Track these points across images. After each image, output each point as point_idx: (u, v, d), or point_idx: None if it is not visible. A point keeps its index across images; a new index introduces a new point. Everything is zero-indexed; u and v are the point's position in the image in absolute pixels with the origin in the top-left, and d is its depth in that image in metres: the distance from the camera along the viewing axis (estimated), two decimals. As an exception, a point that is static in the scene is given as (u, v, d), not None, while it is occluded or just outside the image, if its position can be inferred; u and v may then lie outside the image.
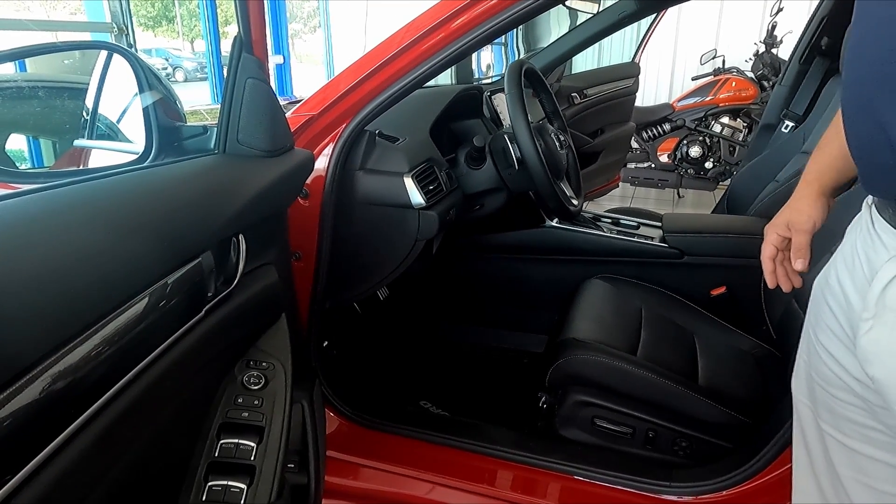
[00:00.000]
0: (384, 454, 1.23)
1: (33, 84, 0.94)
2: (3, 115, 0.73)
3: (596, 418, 1.23)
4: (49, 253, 0.41)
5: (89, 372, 0.41)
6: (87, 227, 0.45)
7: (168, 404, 0.54)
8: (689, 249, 1.60)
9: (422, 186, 1.13)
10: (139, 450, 0.50)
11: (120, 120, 1.00)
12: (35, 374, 0.36)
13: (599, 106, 3.06)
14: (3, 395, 0.34)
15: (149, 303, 0.47)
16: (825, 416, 0.70)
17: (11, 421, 0.35)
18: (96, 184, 0.52)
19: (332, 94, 1.05)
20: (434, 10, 1.04)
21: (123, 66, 0.87)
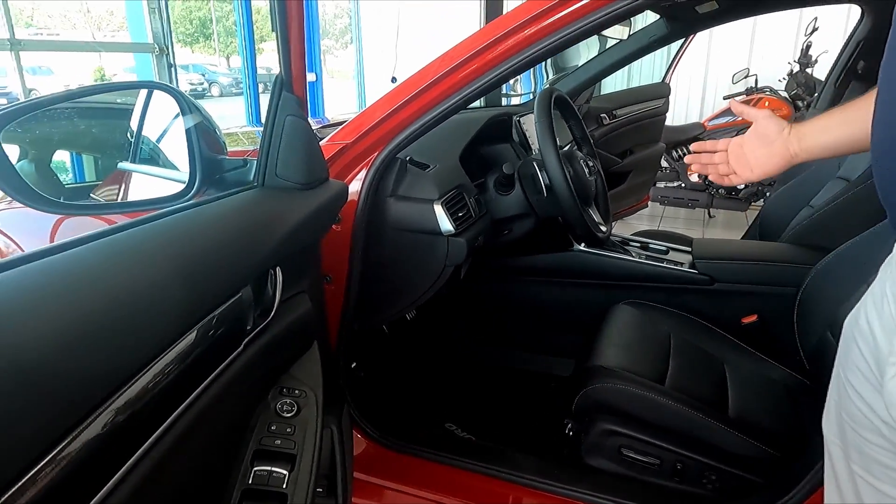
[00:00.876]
0: (410, 478, 1.23)
1: (84, 104, 0.98)
2: (52, 133, 0.77)
3: (623, 448, 1.22)
4: (111, 295, 0.44)
5: (141, 409, 0.43)
6: (142, 271, 0.48)
7: (209, 434, 0.56)
8: (720, 276, 1.58)
9: (451, 213, 1.15)
10: (182, 479, 0.52)
11: (164, 148, 1.04)
12: (99, 412, 0.39)
13: (629, 126, 3.06)
14: (76, 431, 0.37)
15: (196, 339, 0.50)
16: (855, 457, 0.70)
17: (90, 445, 0.38)
18: (149, 227, 0.55)
19: (367, 123, 1.08)
20: (468, 41, 1.07)
21: (169, 101, 0.91)
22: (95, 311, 0.42)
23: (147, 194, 1.22)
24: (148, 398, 0.44)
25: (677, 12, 1.95)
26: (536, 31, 1.02)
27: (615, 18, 1.00)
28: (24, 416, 0.36)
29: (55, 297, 0.41)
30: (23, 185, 0.67)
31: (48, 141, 0.88)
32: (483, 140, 1.57)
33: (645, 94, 3.21)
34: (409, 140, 1.08)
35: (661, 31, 2.09)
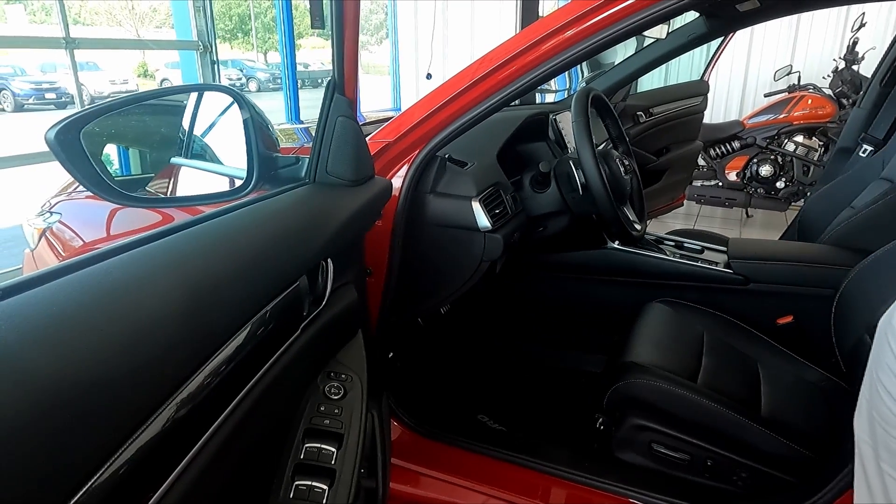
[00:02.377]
0: (443, 464, 1.28)
1: (136, 98, 1.04)
2: (108, 128, 0.83)
3: (653, 443, 1.24)
4: (195, 283, 0.49)
5: (214, 389, 0.48)
6: (219, 260, 0.53)
7: (268, 412, 0.61)
8: (755, 276, 1.58)
9: (488, 210, 1.18)
10: (246, 452, 0.57)
11: (218, 145, 1.10)
12: (183, 388, 0.44)
13: (665, 125, 3.04)
14: (167, 404, 0.42)
15: (265, 320, 0.55)
16: (885, 455, 0.70)
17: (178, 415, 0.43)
18: (219, 221, 0.60)
19: (408, 123, 1.12)
20: (508, 43, 1.10)
21: (227, 101, 0.97)
22: (185, 294, 0.47)
23: (200, 189, 1.29)
24: (225, 373, 0.49)
25: (717, 10, 1.93)
26: (577, 32, 1.05)
27: (658, 19, 1.01)
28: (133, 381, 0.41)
29: (151, 283, 0.46)
30: (100, 179, 0.73)
31: (110, 137, 0.94)
32: (520, 138, 1.60)
33: (682, 92, 3.18)
34: (448, 139, 1.12)
35: (700, 29, 2.08)
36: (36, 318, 0.38)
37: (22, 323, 0.38)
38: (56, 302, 0.41)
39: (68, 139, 0.69)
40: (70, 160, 0.69)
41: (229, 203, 0.68)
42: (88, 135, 0.74)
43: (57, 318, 0.39)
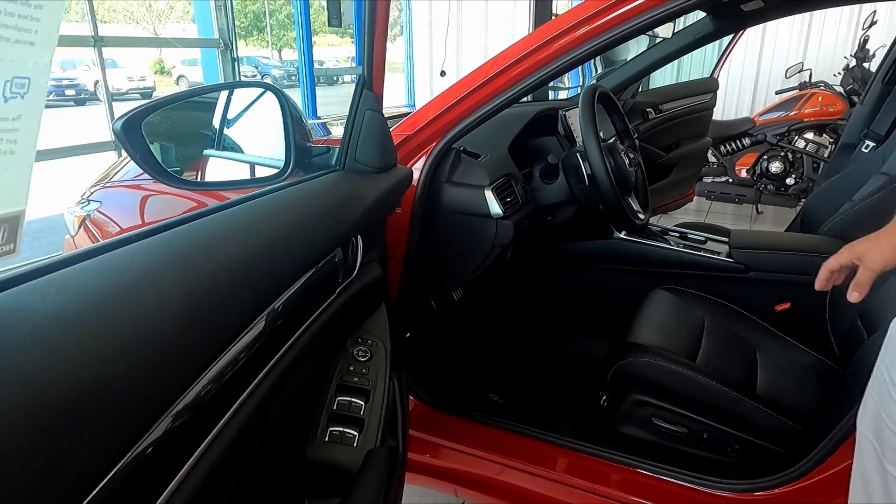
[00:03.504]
0: (457, 435, 1.37)
1: (188, 94, 1.13)
2: (162, 121, 0.92)
3: (653, 417, 1.32)
4: (256, 246, 0.59)
5: (273, 332, 0.58)
6: (272, 230, 0.63)
7: (308, 364, 0.71)
8: (755, 265, 1.65)
9: (500, 198, 1.27)
10: (288, 397, 0.67)
11: (253, 137, 1.20)
12: (251, 328, 0.54)
13: (675, 121, 3.10)
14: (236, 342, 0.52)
15: (310, 281, 0.65)
16: (890, 455, 0.72)
17: (238, 358, 0.52)
18: (265, 199, 0.70)
19: (426, 117, 1.21)
20: (521, 42, 1.18)
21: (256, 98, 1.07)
22: (247, 255, 0.57)
23: (233, 176, 1.39)
24: (278, 323, 0.59)
25: (723, 10, 2.01)
26: (587, 31, 1.11)
27: (665, 18, 1.07)
28: (198, 328, 0.50)
29: (225, 244, 0.56)
30: (157, 164, 0.83)
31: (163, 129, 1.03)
32: (531, 133, 1.68)
33: (692, 89, 3.24)
34: (463, 132, 1.20)
35: (707, 28, 2.15)
36: (117, 274, 0.47)
37: (91, 284, 0.45)
38: (134, 262, 0.50)
39: (131, 129, 0.79)
40: (133, 147, 0.79)
41: (268, 186, 0.78)
42: (147, 126, 0.84)
43: (135, 276, 0.48)
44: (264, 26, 23.67)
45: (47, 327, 0.38)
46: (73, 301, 0.42)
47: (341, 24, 5.14)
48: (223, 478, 0.53)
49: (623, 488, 1.24)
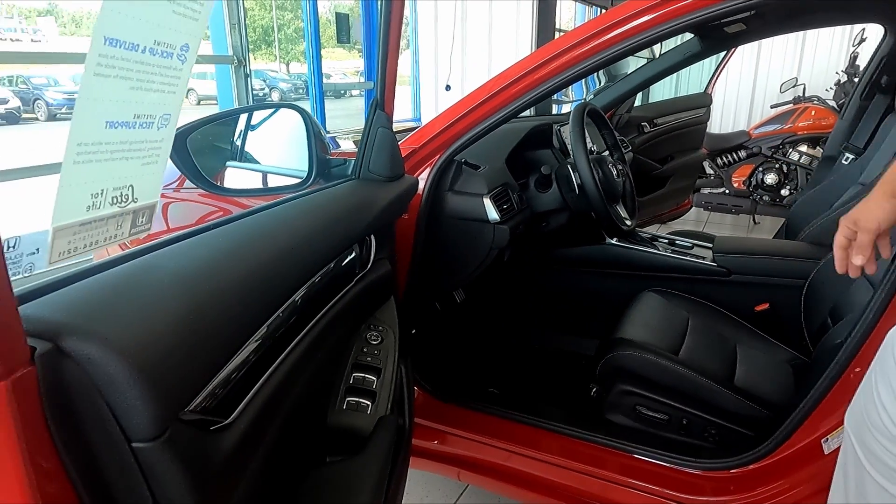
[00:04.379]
0: (458, 423, 1.49)
1: (228, 113, 1.28)
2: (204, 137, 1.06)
3: (637, 406, 1.44)
4: (286, 243, 0.73)
5: (302, 308, 0.71)
6: (297, 229, 0.78)
7: (328, 343, 0.84)
8: (736, 268, 1.77)
9: (497, 205, 1.40)
10: (312, 371, 0.80)
11: (274, 150, 1.35)
12: (283, 309, 0.68)
13: (669, 134, 3.24)
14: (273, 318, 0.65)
15: (331, 269, 0.78)
16: (870, 456, 0.75)
17: (277, 328, 0.66)
18: (294, 203, 0.84)
19: (430, 133, 1.35)
20: (519, 64, 1.31)
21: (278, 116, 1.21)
22: (291, 245, 0.71)
23: (253, 185, 1.53)
24: (303, 302, 0.72)
25: (708, 31, 2.15)
26: (579, 53, 1.24)
27: (655, 40, 1.20)
28: (247, 313, 0.64)
29: (274, 235, 0.70)
30: (199, 174, 0.97)
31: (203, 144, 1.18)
32: (528, 146, 1.82)
33: (686, 104, 3.38)
34: (463, 146, 1.34)
35: (694, 48, 2.30)
36: (208, 250, 0.62)
37: (194, 256, 0.61)
38: (207, 249, 0.65)
39: (178, 144, 0.93)
40: (181, 160, 0.93)
41: (296, 193, 0.92)
42: (191, 142, 0.99)
43: (220, 253, 0.63)
44: (272, 40, 23.99)
45: (177, 276, 0.56)
46: (185, 264, 0.59)
47: (349, 39, 5.31)
48: (277, 402, 0.67)
49: (610, 468, 1.36)
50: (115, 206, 0.44)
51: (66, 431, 0.40)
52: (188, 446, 0.46)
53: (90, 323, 0.43)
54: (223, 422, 0.53)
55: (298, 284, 0.71)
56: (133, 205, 0.47)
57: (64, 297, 0.46)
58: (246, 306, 0.60)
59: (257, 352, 0.63)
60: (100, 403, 0.41)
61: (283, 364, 0.70)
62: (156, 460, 0.43)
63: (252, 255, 0.65)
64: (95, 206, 0.42)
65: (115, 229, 0.46)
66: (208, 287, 0.57)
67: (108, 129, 0.40)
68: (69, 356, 0.41)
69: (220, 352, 0.54)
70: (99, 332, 0.42)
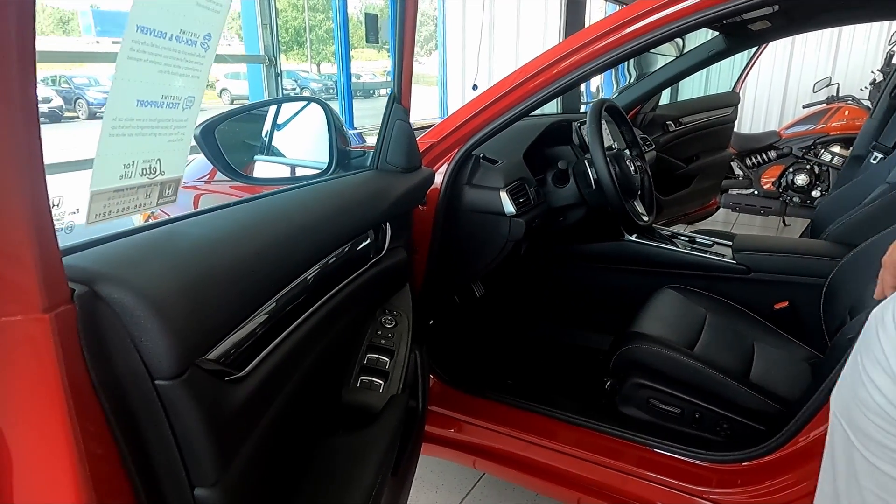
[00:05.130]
0: (473, 411, 1.52)
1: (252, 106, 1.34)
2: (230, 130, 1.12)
3: (650, 399, 1.46)
4: (301, 221, 0.78)
5: (316, 284, 0.76)
6: (317, 209, 0.82)
7: (342, 321, 0.88)
8: (756, 266, 1.77)
9: (514, 199, 1.43)
10: (326, 345, 0.84)
11: (299, 142, 1.40)
12: (296, 283, 0.73)
13: (695, 133, 3.21)
14: (288, 289, 0.70)
15: (349, 250, 0.82)
16: (860, 436, 0.75)
17: (292, 298, 0.71)
18: (314, 187, 0.89)
19: (449, 127, 1.39)
20: (534, 61, 1.34)
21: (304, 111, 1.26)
22: (308, 222, 0.76)
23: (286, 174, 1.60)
24: (318, 279, 0.77)
25: (732, 29, 2.14)
26: (595, 50, 1.27)
27: (674, 35, 1.21)
28: (263, 279, 0.68)
29: (292, 213, 0.75)
30: (228, 164, 1.02)
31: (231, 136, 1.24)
32: (548, 142, 1.84)
33: (713, 103, 3.34)
34: (481, 141, 1.37)
35: (719, 45, 2.29)
36: (230, 222, 0.68)
37: (216, 226, 0.67)
38: (231, 222, 0.71)
39: (207, 135, 0.99)
40: (209, 150, 0.98)
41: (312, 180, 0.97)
42: (218, 133, 1.04)
43: (242, 224, 0.69)
44: (304, 41, 24.29)
45: (199, 241, 0.63)
46: (207, 233, 0.66)
47: (378, 40, 5.39)
48: (290, 365, 0.73)
49: (622, 459, 1.38)
50: (145, 177, 0.50)
51: (99, 365, 0.45)
52: (204, 390, 0.51)
53: (122, 272, 0.49)
54: (238, 374, 0.58)
55: (312, 261, 0.76)
56: (161, 177, 0.52)
57: (100, 251, 0.52)
58: (260, 274, 0.66)
59: (273, 318, 0.69)
60: (128, 342, 0.47)
61: (296, 332, 0.75)
62: (175, 397, 0.49)
63: (268, 230, 0.71)
64: (127, 175, 0.48)
65: (144, 198, 0.52)
66: (227, 253, 0.62)
67: (138, 107, 0.45)
68: (103, 299, 0.46)
69: (235, 311, 0.60)
70: (129, 280, 0.48)
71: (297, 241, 0.73)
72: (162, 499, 0.51)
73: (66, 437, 0.38)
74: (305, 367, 0.79)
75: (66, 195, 0.49)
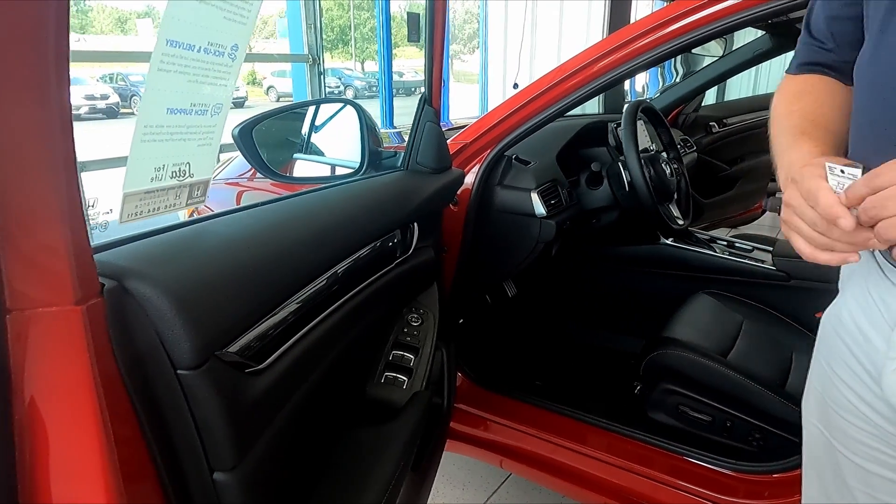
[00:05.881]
0: (503, 412, 1.53)
1: (290, 107, 1.38)
2: (267, 129, 1.16)
3: (681, 405, 1.44)
4: (327, 221, 0.81)
5: (339, 282, 0.79)
6: (346, 207, 0.85)
7: (367, 319, 0.91)
8: (797, 273, 1.71)
9: (545, 200, 1.43)
10: (349, 342, 0.87)
11: (334, 142, 1.44)
12: (319, 281, 0.75)
13: (740, 135, 3.12)
14: (311, 287, 0.73)
15: (377, 248, 0.85)
16: (838, 435, 0.74)
17: (314, 296, 0.74)
18: (346, 187, 0.92)
19: (482, 128, 1.40)
20: (569, 62, 1.33)
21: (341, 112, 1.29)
22: (336, 221, 0.79)
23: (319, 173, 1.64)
24: (343, 276, 0.80)
25: (779, 28, 2.08)
26: (629, 52, 1.25)
27: (714, 35, 1.19)
28: (285, 277, 0.71)
29: (321, 212, 0.78)
30: (264, 164, 1.06)
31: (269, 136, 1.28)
32: (584, 143, 1.83)
33: (759, 104, 3.24)
34: (513, 142, 1.38)
35: (765, 45, 2.22)
36: (258, 221, 0.71)
37: (243, 224, 0.70)
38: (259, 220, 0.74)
39: (245, 135, 1.03)
40: (246, 149, 1.02)
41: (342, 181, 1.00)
42: (256, 132, 1.08)
43: (267, 224, 0.73)
44: (349, 39, 24.62)
45: (225, 240, 0.67)
46: (234, 232, 0.70)
47: (420, 38, 5.42)
48: (310, 360, 0.76)
49: (650, 466, 1.37)
50: (174, 180, 0.53)
51: (126, 354, 0.48)
52: (223, 380, 0.54)
53: (149, 269, 0.52)
54: (257, 366, 0.61)
55: (336, 260, 0.79)
56: (189, 179, 0.56)
57: (129, 249, 0.56)
58: (283, 272, 0.69)
59: (295, 315, 0.71)
60: (152, 334, 0.50)
61: (317, 328, 0.78)
62: (196, 386, 0.52)
63: (293, 229, 0.74)
64: (158, 178, 0.51)
65: (174, 199, 0.55)
66: (251, 251, 0.66)
67: (168, 114, 0.49)
68: (130, 293, 0.50)
69: (255, 307, 0.63)
70: (155, 276, 0.52)
71: (323, 241, 0.76)
72: (183, 480, 0.54)
73: (94, 418, 0.42)
74: (328, 362, 0.82)
75: (111, 191, 0.54)
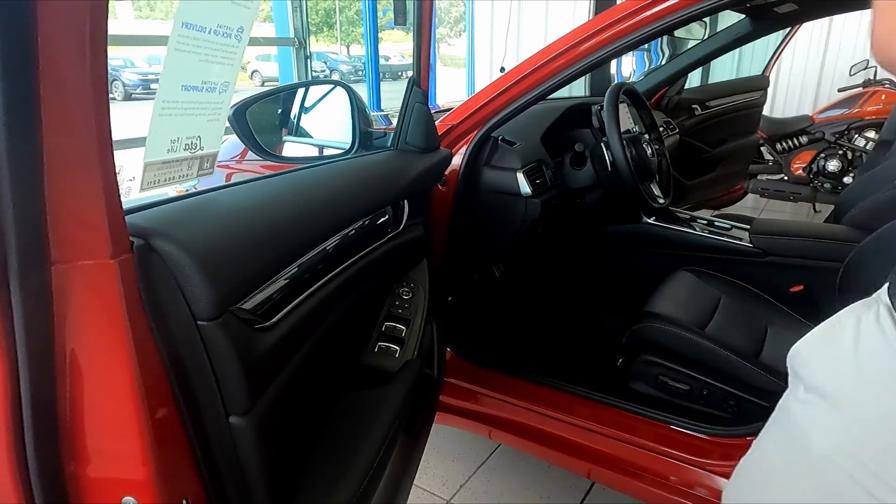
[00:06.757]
0: (490, 385, 1.59)
1: (280, 89, 1.41)
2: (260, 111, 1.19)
3: (660, 376, 1.50)
4: (324, 194, 0.85)
5: (336, 253, 0.84)
6: (340, 182, 0.89)
7: (362, 289, 0.95)
8: (772, 250, 1.79)
9: (530, 180, 1.48)
10: (346, 309, 0.92)
11: (325, 124, 1.47)
12: (319, 249, 0.80)
13: (722, 118, 3.18)
14: (310, 255, 0.77)
15: (368, 224, 0.89)
16: None
17: (313, 264, 0.78)
18: (339, 164, 0.96)
19: (469, 110, 1.44)
20: (553, 44, 1.37)
21: (331, 93, 1.33)
22: (330, 194, 0.83)
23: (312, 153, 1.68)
24: (338, 248, 0.85)
25: (758, 12, 2.13)
26: (616, 31, 1.29)
27: (694, 17, 1.23)
28: (287, 243, 0.76)
29: (316, 184, 0.83)
30: (258, 144, 1.10)
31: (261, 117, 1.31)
32: (569, 125, 1.87)
33: (741, 87, 3.31)
34: (499, 123, 1.42)
35: (745, 29, 2.27)
36: (261, 193, 0.76)
37: (248, 196, 0.75)
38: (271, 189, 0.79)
39: (239, 116, 1.06)
40: (241, 130, 1.06)
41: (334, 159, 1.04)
42: (249, 114, 1.11)
43: (271, 195, 0.77)
44: (334, 23, 24.32)
45: (233, 207, 0.71)
46: (239, 201, 0.74)
47: (406, 22, 5.41)
48: (312, 321, 0.81)
49: (632, 433, 1.43)
50: (187, 152, 0.58)
51: (152, 305, 0.54)
52: (237, 333, 0.59)
53: (171, 229, 0.58)
54: (266, 324, 0.66)
55: (333, 230, 0.84)
56: (200, 151, 0.60)
57: (155, 212, 0.62)
58: (287, 237, 0.75)
59: (298, 279, 0.76)
60: (175, 287, 0.56)
61: (318, 293, 0.83)
62: (213, 336, 0.58)
63: (294, 200, 0.80)
64: (173, 149, 0.56)
65: (186, 169, 0.59)
66: (259, 217, 0.71)
67: (183, 91, 0.53)
68: (155, 251, 0.55)
69: (264, 267, 0.69)
70: (176, 235, 0.57)
71: (321, 211, 0.81)
72: (201, 421, 0.60)
73: (125, 361, 0.47)
74: (327, 325, 0.87)
75: (124, 165, 0.58)
